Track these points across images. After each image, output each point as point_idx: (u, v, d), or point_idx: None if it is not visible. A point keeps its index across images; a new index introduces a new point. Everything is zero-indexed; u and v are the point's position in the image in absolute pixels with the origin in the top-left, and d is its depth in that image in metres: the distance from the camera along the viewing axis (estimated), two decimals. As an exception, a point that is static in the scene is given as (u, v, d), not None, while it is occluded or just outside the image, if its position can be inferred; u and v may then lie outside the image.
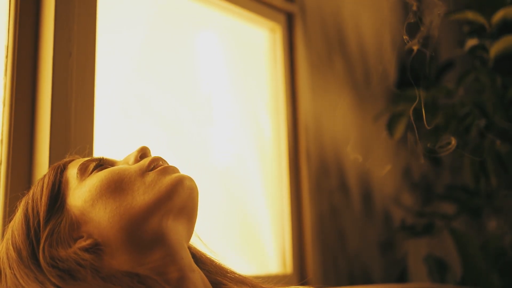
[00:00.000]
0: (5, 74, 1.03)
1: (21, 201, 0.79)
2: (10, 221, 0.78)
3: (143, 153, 0.80)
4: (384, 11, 2.29)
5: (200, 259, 0.85)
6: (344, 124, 1.92)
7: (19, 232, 0.73)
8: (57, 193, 0.77)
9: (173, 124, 1.42)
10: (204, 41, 1.56)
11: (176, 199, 0.75)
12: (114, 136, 1.25)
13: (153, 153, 0.82)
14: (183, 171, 0.80)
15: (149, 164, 0.77)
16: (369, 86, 2.09)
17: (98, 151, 1.14)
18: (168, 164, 0.79)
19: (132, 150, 0.83)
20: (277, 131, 1.68)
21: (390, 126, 1.56)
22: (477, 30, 1.65)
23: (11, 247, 0.73)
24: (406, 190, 2.16)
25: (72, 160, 0.82)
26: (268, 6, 1.69)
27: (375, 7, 2.23)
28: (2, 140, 1.01)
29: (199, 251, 0.87)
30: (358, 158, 1.81)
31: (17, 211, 0.78)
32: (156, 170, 0.76)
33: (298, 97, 1.71)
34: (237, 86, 1.63)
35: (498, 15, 1.47)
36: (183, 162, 1.42)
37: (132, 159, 0.80)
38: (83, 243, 0.72)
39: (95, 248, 0.71)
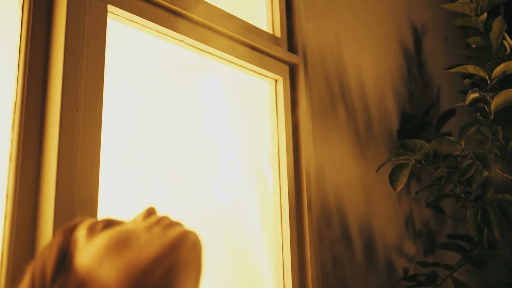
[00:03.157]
0: (13, 129, 1.05)
1: (30, 264, 0.79)
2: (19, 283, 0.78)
3: (150, 212, 0.81)
4: (386, 60, 2.33)
5: None
6: (346, 173, 1.93)
7: None
8: (66, 253, 0.77)
9: (177, 175, 1.43)
10: (208, 91, 1.58)
11: (180, 252, 0.75)
12: (118, 188, 1.26)
13: (159, 209, 0.83)
14: (186, 221, 0.81)
15: (156, 221, 0.78)
16: (372, 135, 2.10)
17: (103, 204, 1.14)
18: (173, 220, 0.80)
19: (140, 208, 0.84)
20: (279, 180, 1.68)
21: (393, 178, 1.57)
22: (478, 83, 1.67)
23: None
24: (408, 239, 2.15)
25: (82, 221, 0.83)
26: (272, 57, 1.71)
27: (376, 56, 2.27)
28: (7, 195, 1.02)
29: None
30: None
31: (25, 273, 0.78)
32: (161, 225, 0.77)
33: (300, 146, 1.72)
34: (240, 135, 1.64)
35: (499, 69, 1.49)
36: (186, 213, 1.43)
37: (139, 219, 0.81)
38: (89, 302, 0.72)
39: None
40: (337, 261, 1.79)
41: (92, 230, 0.78)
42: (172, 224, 0.78)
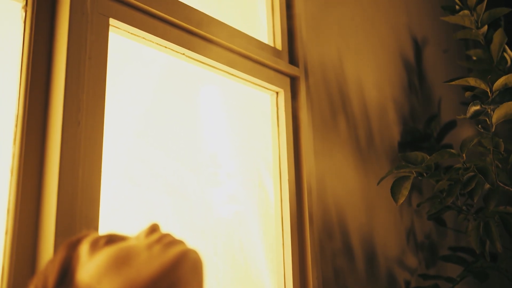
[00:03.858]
0: (14, 143, 1.05)
1: (32, 278, 0.80)
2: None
3: (153, 229, 0.81)
4: (387, 72, 2.33)
5: None
6: (347, 185, 1.93)
7: None
8: (67, 268, 0.77)
9: (177, 187, 1.43)
10: (209, 103, 1.58)
11: (180, 271, 0.75)
12: (119, 201, 1.26)
13: (162, 225, 0.83)
14: (186, 234, 0.81)
15: (158, 239, 0.78)
16: (373, 147, 2.10)
17: (104, 217, 1.14)
18: (176, 238, 0.79)
19: (140, 221, 0.84)
20: (280, 192, 1.68)
21: (394, 191, 1.56)
22: (479, 96, 1.67)
23: None
24: (410, 252, 2.15)
25: (86, 235, 0.83)
26: (273, 70, 1.71)
27: (377, 68, 2.27)
28: (8, 209, 1.02)
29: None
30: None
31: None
32: (163, 243, 0.77)
33: (301, 158, 1.72)
34: (241, 147, 1.64)
35: (500, 82, 1.49)
36: (186, 225, 1.42)
37: (142, 236, 0.81)
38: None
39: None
40: (339, 274, 1.78)
41: (95, 246, 0.78)
42: (173, 242, 0.78)
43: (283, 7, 1.83)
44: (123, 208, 1.26)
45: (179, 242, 0.78)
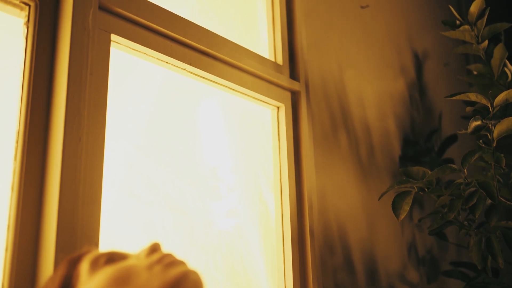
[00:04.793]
0: (15, 159, 1.05)
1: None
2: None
3: (154, 249, 0.80)
4: (387, 86, 2.33)
5: None
6: (348, 200, 1.92)
7: None
8: (67, 286, 0.77)
9: (178, 202, 1.43)
10: (209, 117, 1.58)
11: None
12: (119, 216, 1.25)
13: (163, 244, 0.82)
14: (187, 248, 0.80)
15: (159, 259, 0.77)
16: (374, 161, 2.10)
17: (104, 232, 1.14)
18: (177, 259, 0.79)
19: (143, 240, 0.83)
20: (281, 207, 1.68)
21: (395, 206, 1.56)
22: (480, 110, 1.67)
23: None
24: (411, 267, 2.14)
25: (87, 252, 0.82)
26: (274, 85, 1.72)
27: (378, 82, 2.27)
28: (8, 226, 1.01)
29: None
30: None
31: None
32: (163, 263, 0.77)
33: (302, 172, 1.72)
34: (242, 161, 1.64)
35: (501, 97, 1.49)
36: (186, 240, 1.42)
37: (142, 255, 0.80)
38: None
39: None
40: (340, 289, 1.77)
41: (95, 264, 0.78)
42: (174, 263, 0.77)
43: (284, 21, 1.83)
44: (123, 222, 1.25)
45: (180, 263, 0.78)
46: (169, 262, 0.77)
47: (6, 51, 1.14)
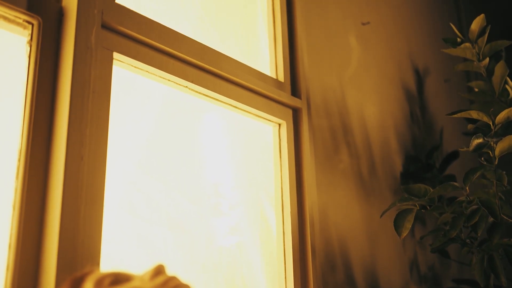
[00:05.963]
0: (17, 178, 1.04)
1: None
2: None
3: (158, 271, 0.80)
4: (389, 103, 2.34)
5: None
6: (350, 217, 1.92)
7: None
8: None
9: (179, 220, 1.42)
10: (210, 135, 1.58)
11: None
12: (120, 234, 1.25)
13: (168, 267, 0.82)
14: (188, 267, 0.79)
15: (163, 283, 0.77)
16: (375, 178, 2.10)
17: (105, 250, 1.13)
18: (181, 282, 0.78)
19: (149, 265, 0.82)
20: (283, 225, 1.67)
21: (397, 224, 1.56)
22: (481, 128, 1.67)
23: None
24: (413, 284, 2.13)
25: (90, 273, 0.82)
26: (275, 102, 1.72)
27: (379, 98, 2.28)
28: (10, 244, 1.01)
29: None
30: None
31: None
32: (167, 287, 0.76)
33: (304, 190, 1.72)
34: (243, 178, 1.64)
35: (502, 115, 1.49)
36: (187, 258, 1.41)
37: (147, 277, 0.80)
38: None
39: None
40: (342, 307, 1.76)
41: (99, 285, 0.77)
42: (178, 287, 0.77)
43: (285, 39, 1.84)
44: (124, 240, 1.25)
45: (185, 287, 0.77)
46: (174, 286, 0.77)
47: (9, 69, 1.14)
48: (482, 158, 1.63)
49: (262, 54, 1.82)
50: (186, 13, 1.59)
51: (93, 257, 1.08)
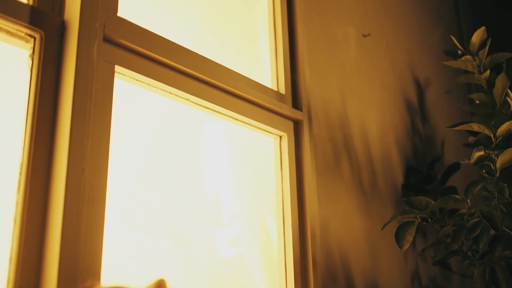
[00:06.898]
0: (18, 191, 1.04)
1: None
2: None
3: (159, 285, 0.80)
4: (390, 114, 2.34)
5: None
6: (351, 229, 1.91)
7: None
8: None
9: (180, 231, 1.42)
10: (211, 146, 1.58)
11: None
12: (120, 246, 1.25)
13: (169, 282, 0.82)
14: (189, 279, 0.79)
15: None
16: (376, 190, 2.09)
17: (106, 263, 1.13)
18: None
19: (149, 278, 0.82)
20: (283, 237, 1.67)
21: (399, 237, 1.55)
22: (482, 140, 1.67)
23: None
24: (415, 296, 2.12)
25: (91, 286, 0.82)
26: (276, 114, 1.72)
27: (380, 110, 2.28)
28: (11, 258, 1.01)
29: None
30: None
31: None
32: None
33: (305, 202, 1.71)
34: (244, 190, 1.64)
35: (503, 128, 1.49)
36: (189, 270, 1.41)
37: (147, 292, 0.80)
38: None
39: None
40: (343, 320, 1.75)
41: (98, 300, 0.77)
42: None
43: (286, 51, 1.85)
44: (124, 253, 1.25)
45: None
46: None
47: (11, 83, 1.14)
48: (484, 171, 1.62)
49: (263, 66, 1.83)
50: (187, 25, 1.60)
51: (94, 271, 1.08)
